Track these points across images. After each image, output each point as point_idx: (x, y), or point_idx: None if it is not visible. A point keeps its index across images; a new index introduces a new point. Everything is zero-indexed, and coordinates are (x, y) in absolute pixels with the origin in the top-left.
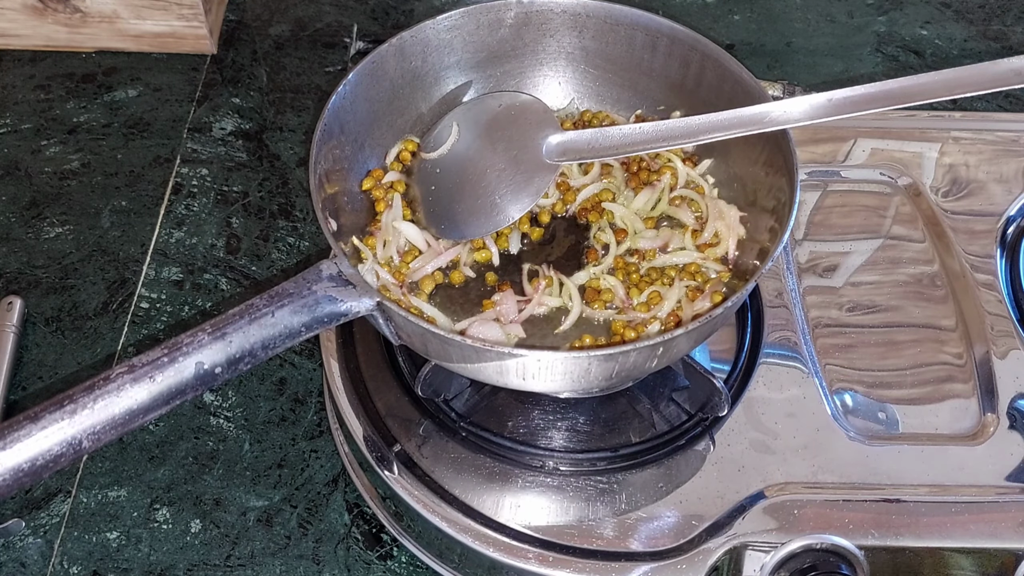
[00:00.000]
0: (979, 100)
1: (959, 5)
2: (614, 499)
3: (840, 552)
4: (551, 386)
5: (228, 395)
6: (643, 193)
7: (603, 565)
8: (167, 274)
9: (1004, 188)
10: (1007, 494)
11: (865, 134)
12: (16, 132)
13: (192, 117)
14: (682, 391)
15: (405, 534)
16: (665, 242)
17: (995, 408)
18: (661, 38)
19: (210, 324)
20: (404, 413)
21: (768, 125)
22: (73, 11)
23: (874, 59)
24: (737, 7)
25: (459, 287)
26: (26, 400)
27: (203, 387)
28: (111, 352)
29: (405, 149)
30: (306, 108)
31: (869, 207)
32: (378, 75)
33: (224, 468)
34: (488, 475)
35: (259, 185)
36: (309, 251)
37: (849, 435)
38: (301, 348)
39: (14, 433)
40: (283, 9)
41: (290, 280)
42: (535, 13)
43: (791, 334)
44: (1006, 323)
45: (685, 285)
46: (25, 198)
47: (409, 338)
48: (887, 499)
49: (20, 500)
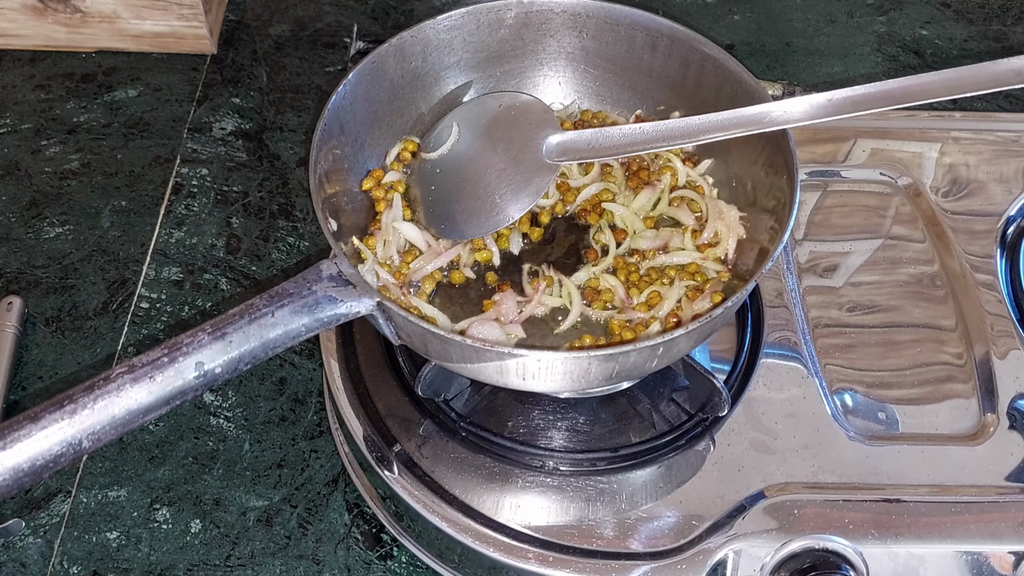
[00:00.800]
0: (979, 100)
1: (959, 5)
2: (614, 499)
3: (840, 552)
4: (551, 386)
5: (228, 395)
6: (643, 193)
7: (603, 565)
8: (167, 274)
9: (1004, 188)
10: (1007, 494)
11: (865, 134)
12: (16, 132)
13: (192, 117)
14: (682, 391)
15: (405, 534)
16: (665, 242)
17: (995, 408)
18: (661, 38)
19: (210, 324)
20: (404, 413)
21: (768, 125)
22: (73, 11)
23: (874, 59)
24: (737, 7)
25: (459, 287)
26: (26, 400)
27: (203, 387)
28: (111, 352)
29: (405, 149)
30: (306, 108)
31: (869, 207)
32: (378, 75)
33: (224, 468)
34: (488, 475)
35: (259, 185)
36: (309, 251)
37: (849, 435)
38: (301, 348)
39: (14, 433)
40: (283, 9)
41: (290, 280)
42: (535, 13)
43: (791, 334)
44: (1006, 323)
45: (685, 285)
46: (25, 198)
47: (409, 338)
48: (887, 499)
49: (20, 500)
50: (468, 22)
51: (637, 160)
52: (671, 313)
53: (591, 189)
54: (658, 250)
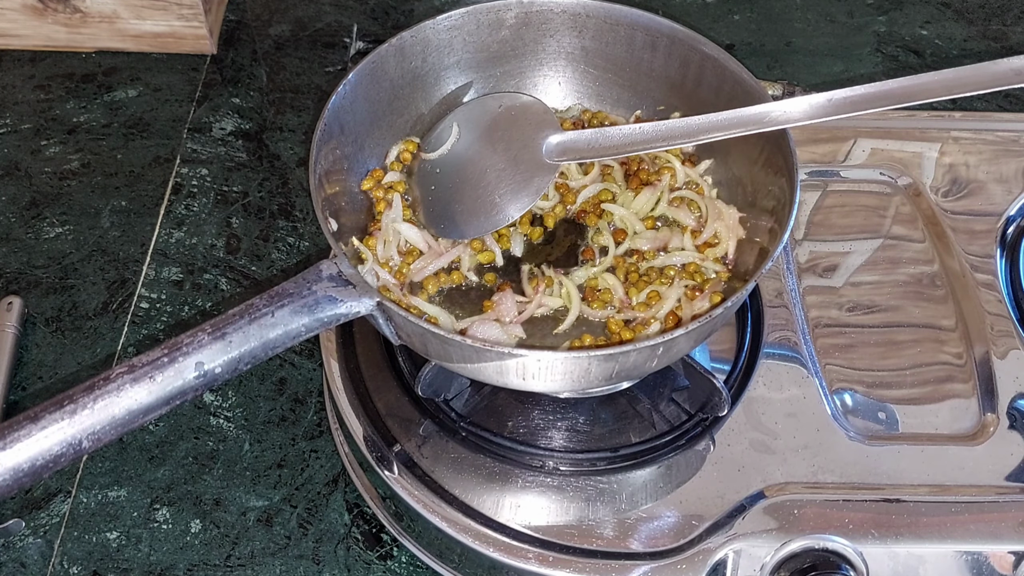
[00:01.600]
0: (979, 100)
1: (959, 5)
2: (614, 499)
3: (840, 552)
4: (551, 386)
5: (228, 395)
6: (643, 193)
7: (603, 565)
8: (167, 274)
9: (1004, 188)
10: (1007, 494)
11: (865, 134)
12: (16, 132)
13: (192, 117)
14: (682, 391)
15: (405, 534)
16: (664, 243)
17: (995, 408)
18: (661, 38)
19: (210, 324)
20: (404, 413)
21: (768, 125)
22: (73, 11)
23: (874, 59)
24: (737, 7)
25: (459, 287)
26: (26, 400)
27: (203, 387)
28: (111, 352)
29: (405, 150)
30: (306, 108)
31: (869, 207)
32: (378, 75)
33: (224, 468)
34: (488, 475)
35: (259, 185)
36: (309, 251)
37: (849, 435)
38: (301, 348)
39: (14, 433)
40: (283, 9)
41: (290, 280)
42: (535, 13)
43: (791, 334)
44: (1006, 323)
45: (684, 285)
46: (25, 198)
47: (409, 338)
48: (887, 499)
49: (20, 500)
50: (468, 22)
51: (637, 160)
52: (670, 313)
53: (591, 190)
54: (657, 250)
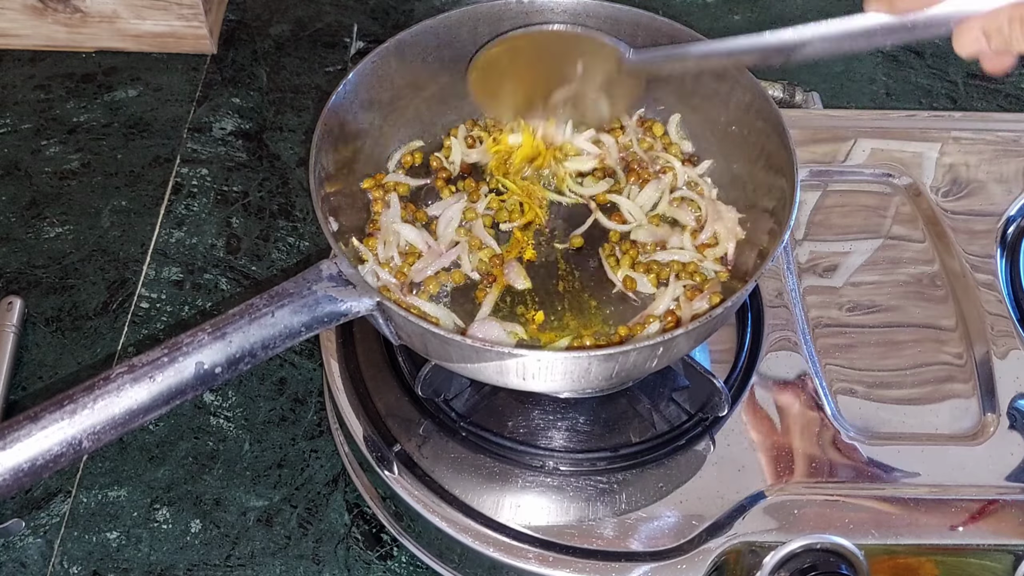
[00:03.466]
0: (979, 100)
1: None
2: (614, 499)
3: (840, 552)
4: (551, 386)
5: (228, 395)
6: (649, 186)
7: (603, 565)
8: (167, 274)
9: (1004, 188)
10: (1007, 494)
11: (865, 134)
12: (16, 132)
13: (192, 117)
14: (682, 391)
15: (405, 534)
16: (664, 240)
17: (995, 408)
18: (661, 38)
19: (210, 324)
20: (404, 413)
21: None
22: (73, 11)
23: (874, 59)
24: (737, 7)
25: (460, 287)
26: (26, 400)
27: (203, 387)
28: (111, 352)
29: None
30: (306, 108)
31: (869, 207)
32: (378, 75)
33: (224, 468)
34: (488, 475)
35: (259, 185)
36: (309, 251)
37: (849, 435)
38: (301, 348)
39: (14, 433)
40: (283, 9)
41: (290, 280)
42: (535, 13)
43: (791, 334)
44: (1006, 323)
45: (683, 284)
46: (25, 198)
47: (409, 338)
48: (887, 499)
49: (20, 500)
50: (468, 22)
51: (636, 160)
52: (670, 312)
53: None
54: (657, 245)
